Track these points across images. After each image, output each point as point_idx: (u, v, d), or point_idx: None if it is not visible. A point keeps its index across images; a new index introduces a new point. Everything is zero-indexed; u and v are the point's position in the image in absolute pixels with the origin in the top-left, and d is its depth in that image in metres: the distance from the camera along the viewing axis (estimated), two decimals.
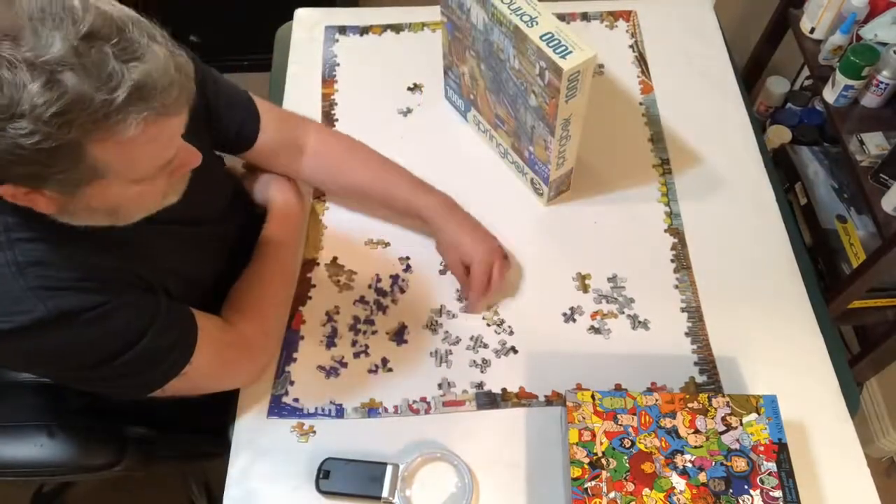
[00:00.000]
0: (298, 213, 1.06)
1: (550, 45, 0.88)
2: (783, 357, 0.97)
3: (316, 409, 0.94)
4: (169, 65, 0.63)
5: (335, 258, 1.07)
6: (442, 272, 1.05)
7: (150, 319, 0.78)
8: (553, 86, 0.90)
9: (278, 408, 0.94)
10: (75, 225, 0.72)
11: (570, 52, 0.87)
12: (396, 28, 1.33)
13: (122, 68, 0.59)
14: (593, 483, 0.80)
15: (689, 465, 0.81)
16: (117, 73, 0.59)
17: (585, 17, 1.34)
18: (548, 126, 0.96)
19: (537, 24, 0.90)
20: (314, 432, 0.92)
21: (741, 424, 0.84)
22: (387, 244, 1.08)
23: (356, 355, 0.98)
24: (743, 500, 0.79)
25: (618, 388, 0.94)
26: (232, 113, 0.98)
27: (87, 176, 0.64)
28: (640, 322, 1.00)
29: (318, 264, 1.06)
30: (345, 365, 0.97)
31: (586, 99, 0.94)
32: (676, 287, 1.03)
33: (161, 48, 0.63)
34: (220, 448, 0.94)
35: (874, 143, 1.40)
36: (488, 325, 1.00)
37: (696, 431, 0.83)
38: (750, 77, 1.93)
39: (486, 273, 0.98)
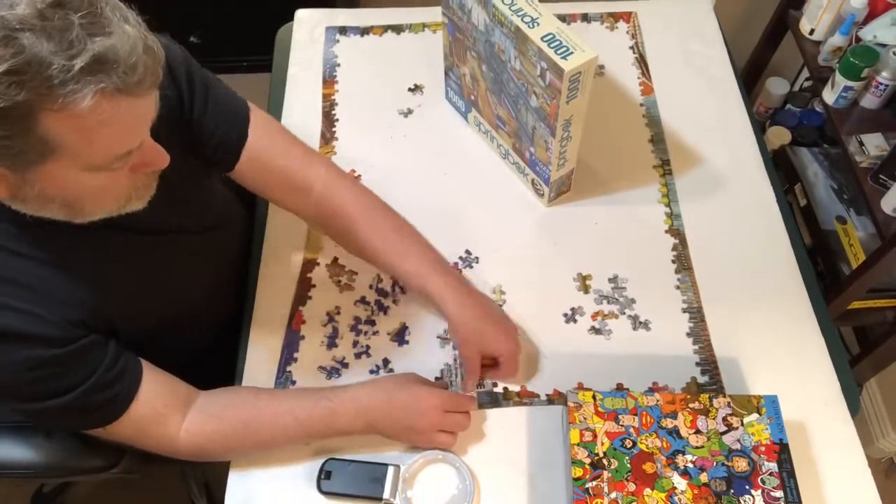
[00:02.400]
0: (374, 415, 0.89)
1: (552, 45, 0.88)
2: (784, 357, 0.97)
3: None
4: (137, 44, 0.60)
5: (336, 258, 1.07)
6: None
7: (92, 364, 0.76)
8: (554, 87, 0.90)
9: None
10: (30, 216, 0.69)
11: (572, 52, 0.87)
12: (397, 29, 1.33)
13: (85, 38, 0.58)
14: (594, 483, 0.80)
15: (691, 465, 0.81)
16: (79, 42, 0.57)
17: (586, 18, 1.34)
18: (549, 127, 0.97)
19: (538, 24, 0.90)
20: None
21: (742, 425, 0.84)
22: None
23: (357, 356, 0.98)
24: (744, 501, 0.79)
25: (619, 388, 0.94)
26: (217, 119, 0.89)
27: (38, 150, 0.61)
28: (641, 322, 1.00)
29: (318, 264, 1.06)
30: (346, 365, 0.97)
31: (587, 100, 0.94)
32: (678, 288, 1.03)
33: (133, 29, 0.61)
34: None
35: (874, 145, 1.41)
36: None
37: (698, 432, 0.83)
38: (750, 78, 1.93)
39: (515, 366, 0.94)
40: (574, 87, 0.90)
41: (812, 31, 1.56)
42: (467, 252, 1.07)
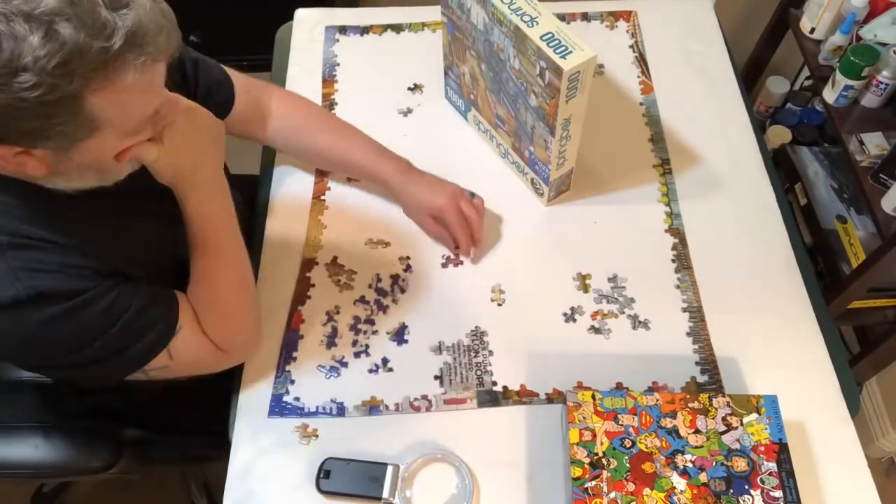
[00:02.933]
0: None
1: (551, 45, 0.88)
2: (784, 357, 0.97)
3: (317, 407, 0.94)
4: (155, 10, 0.64)
5: (335, 258, 1.07)
6: (444, 265, 1.05)
7: (128, 303, 0.78)
8: (553, 86, 0.90)
9: (279, 407, 0.94)
10: (60, 190, 0.72)
11: (571, 52, 0.87)
12: (397, 28, 1.33)
13: (113, 17, 0.60)
14: (594, 483, 0.80)
15: (690, 465, 0.81)
16: (110, 22, 0.60)
17: (586, 17, 1.34)
18: (548, 126, 0.96)
19: (537, 24, 0.90)
20: (316, 436, 0.92)
21: (742, 424, 0.84)
22: (387, 244, 1.08)
23: (357, 355, 0.98)
24: (743, 500, 0.79)
25: (618, 387, 0.94)
26: (209, 80, 0.99)
27: (84, 128, 0.64)
28: (640, 322, 1.00)
29: (317, 264, 1.06)
30: (345, 364, 0.97)
31: (587, 99, 0.94)
32: (677, 287, 1.03)
33: None
34: (218, 451, 0.94)
35: (874, 144, 1.41)
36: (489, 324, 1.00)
37: (697, 431, 0.83)
38: (750, 77, 1.93)
39: (458, 213, 1.01)
40: (573, 87, 0.90)
41: (812, 30, 1.56)
42: None
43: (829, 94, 1.47)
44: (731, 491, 0.79)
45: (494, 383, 0.95)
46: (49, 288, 0.72)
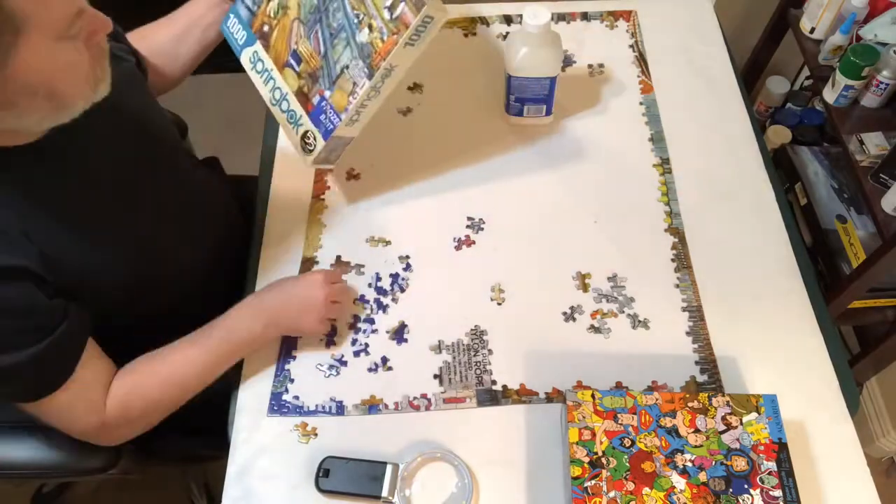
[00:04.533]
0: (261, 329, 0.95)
1: None
2: (783, 357, 0.97)
3: (316, 406, 0.94)
4: None
5: (338, 257, 1.07)
6: (444, 264, 1.05)
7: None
8: (404, 20, 0.86)
9: (278, 405, 0.94)
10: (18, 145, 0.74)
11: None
12: None
13: None
14: (593, 482, 0.80)
15: (690, 464, 0.81)
16: None
17: (585, 16, 1.34)
18: (367, 67, 0.91)
19: None
20: (316, 434, 0.92)
21: (741, 424, 0.83)
22: (387, 242, 1.08)
23: (356, 354, 0.98)
24: (743, 500, 0.79)
25: (618, 386, 0.94)
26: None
27: (9, 28, 0.64)
28: (640, 321, 1.00)
29: (317, 263, 1.06)
30: (345, 363, 0.97)
31: (416, 56, 0.90)
32: (677, 286, 1.03)
33: None
34: (218, 451, 0.94)
35: (874, 143, 1.41)
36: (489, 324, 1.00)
37: (697, 431, 0.83)
38: (750, 77, 1.93)
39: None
40: (421, 31, 0.86)
41: (812, 30, 1.56)
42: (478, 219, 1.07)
43: (829, 94, 1.47)
44: (731, 490, 0.79)
45: (494, 382, 0.95)
46: None
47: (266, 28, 1.02)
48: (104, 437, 0.90)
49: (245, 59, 1.05)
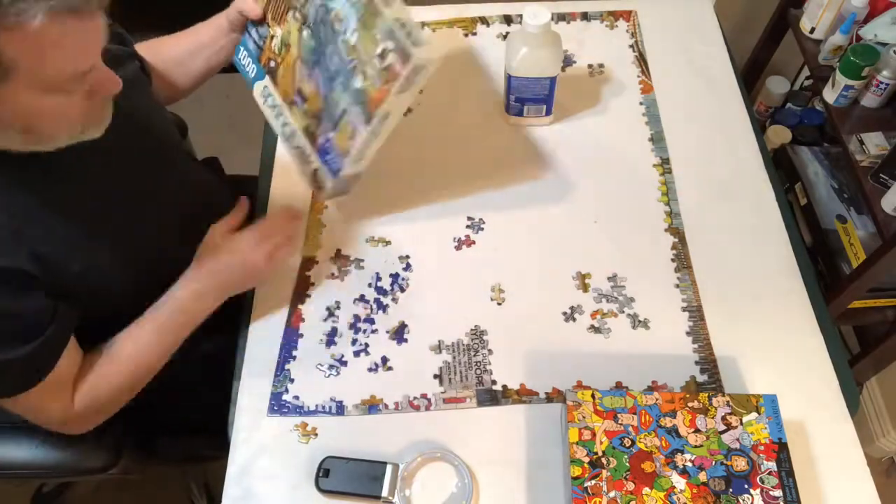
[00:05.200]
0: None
1: (405, 28, 0.83)
2: (783, 357, 0.97)
3: (316, 406, 0.94)
4: None
5: (339, 250, 1.07)
6: (444, 264, 1.05)
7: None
8: (394, 71, 0.85)
9: (278, 405, 0.94)
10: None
11: (422, 44, 0.83)
12: None
13: None
14: (593, 482, 0.80)
15: (690, 464, 0.81)
16: None
17: (585, 16, 1.34)
18: (365, 113, 0.90)
19: (394, 4, 0.85)
20: (316, 434, 0.92)
21: (741, 424, 0.83)
22: (387, 242, 1.08)
23: (356, 354, 0.98)
24: (743, 500, 0.79)
25: (618, 386, 0.94)
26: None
27: None
28: (640, 321, 1.00)
29: (316, 262, 1.06)
30: (345, 363, 0.97)
31: (409, 100, 0.90)
32: (677, 286, 1.03)
33: None
34: (219, 451, 0.94)
35: (874, 143, 1.41)
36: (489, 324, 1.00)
37: (697, 431, 0.83)
38: (750, 77, 1.93)
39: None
40: (412, 79, 0.85)
41: (812, 30, 1.56)
42: (479, 218, 1.07)
43: (829, 94, 1.47)
44: (731, 490, 0.79)
45: (494, 382, 0.95)
46: None
47: (272, 63, 1.02)
48: (75, 426, 0.90)
49: (257, 92, 1.06)
